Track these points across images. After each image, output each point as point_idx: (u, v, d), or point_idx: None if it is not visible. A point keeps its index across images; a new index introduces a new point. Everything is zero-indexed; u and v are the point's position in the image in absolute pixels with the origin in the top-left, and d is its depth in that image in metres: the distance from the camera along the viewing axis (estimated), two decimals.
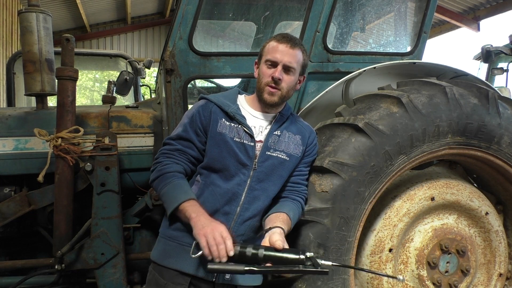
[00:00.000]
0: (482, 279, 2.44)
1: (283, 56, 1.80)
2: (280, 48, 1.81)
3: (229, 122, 1.83)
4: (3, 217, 2.34)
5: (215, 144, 1.81)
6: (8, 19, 9.79)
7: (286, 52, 1.80)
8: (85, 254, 2.33)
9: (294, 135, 1.92)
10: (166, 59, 2.35)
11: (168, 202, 1.75)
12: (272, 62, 1.81)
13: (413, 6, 2.87)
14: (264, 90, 1.83)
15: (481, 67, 6.59)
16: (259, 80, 1.87)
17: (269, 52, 1.83)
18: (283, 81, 1.81)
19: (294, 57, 1.82)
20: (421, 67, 2.53)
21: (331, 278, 2.00)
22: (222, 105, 1.86)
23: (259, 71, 1.88)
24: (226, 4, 3.22)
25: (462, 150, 2.22)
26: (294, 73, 1.85)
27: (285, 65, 1.81)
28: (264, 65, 1.84)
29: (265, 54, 1.85)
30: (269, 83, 1.81)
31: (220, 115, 1.85)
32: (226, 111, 1.85)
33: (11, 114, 2.51)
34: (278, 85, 1.81)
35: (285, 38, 1.83)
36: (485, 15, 10.33)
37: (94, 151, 2.38)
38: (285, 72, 1.82)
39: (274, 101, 1.84)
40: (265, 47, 1.87)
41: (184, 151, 1.86)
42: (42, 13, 2.45)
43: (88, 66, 6.35)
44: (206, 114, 1.85)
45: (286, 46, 1.81)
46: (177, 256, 1.77)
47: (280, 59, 1.80)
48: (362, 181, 2.02)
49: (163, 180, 1.79)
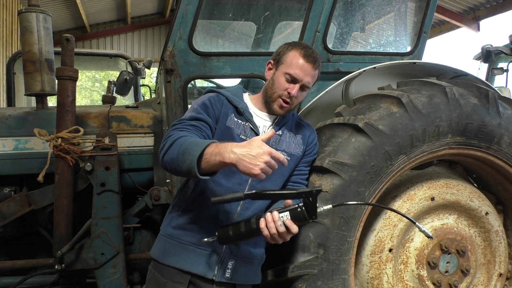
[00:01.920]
0: (482, 279, 2.44)
1: (305, 76, 1.79)
2: (305, 67, 1.79)
3: (237, 118, 1.83)
4: (3, 217, 2.34)
5: (221, 138, 1.78)
6: (8, 19, 9.79)
7: (309, 72, 1.80)
8: (85, 254, 2.33)
9: (295, 135, 1.93)
10: (166, 59, 2.35)
11: (187, 160, 1.51)
12: (293, 79, 1.80)
13: (413, 6, 2.87)
14: (276, 102, 1.83)
15: (481, 67, 6.59)
16: (272, 87, 1.84)
17: (291, 66, 1.80)
18: (296, 98, 1.83)
19: (314, 77, 1.84)
20: (421, 67, 2.53)
21: (331, 278, 2.00)
22: (233, 100, 1.86)
23: (273, 77, 1.85)
24: (226, 4, 3.22)
25: (462, 150, 2.23)
26: (308, 90, 1.87)
27: (304, 85, 1.82)
28: (282, 76, 1.81)
29: (286, 64, 1.82)
30: (283, 96, 1.81)
31: (231, 109, 1.84)
32: (236, 106, 1.85)
33: (11, 114, 2.51)
34: (291, 100, 1.82)
35: (311, 57, 1.80)
36: (485, 15, 10.33)
37: (94, 151, 2.38)
38: (300, 89, 1.82)
39: (282, 113, 1.87)
40: (287, 54, 1.83)
41: (199, 127, 1.73)
42: (42, 13, 2.45)
43: (88, 66, 6.36)
44: (218, 105, 1.82)
45: (310, 67, 1.80)
46: (178, 254, 1.78)
47: (301, 78, 1.79)
48: (362, 181, 2.02)
49: (177, 145, 1.58)
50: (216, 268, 1.77)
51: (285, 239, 1.61)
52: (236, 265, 1.80)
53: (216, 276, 1.76)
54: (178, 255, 1.77)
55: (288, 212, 1.58)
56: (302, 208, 1.56)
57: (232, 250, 1.79)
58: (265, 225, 1.58)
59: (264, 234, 1.59)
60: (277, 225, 1.57)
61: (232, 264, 1.79)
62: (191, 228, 1.78)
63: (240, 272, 1.81)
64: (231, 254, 1.79)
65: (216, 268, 1.77)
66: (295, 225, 1.57)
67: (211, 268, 1.76)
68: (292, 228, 1.57)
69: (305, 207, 1.56)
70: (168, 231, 1.83)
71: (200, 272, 1.75)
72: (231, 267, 1.79)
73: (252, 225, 1.61)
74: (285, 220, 1.57)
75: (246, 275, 1.85)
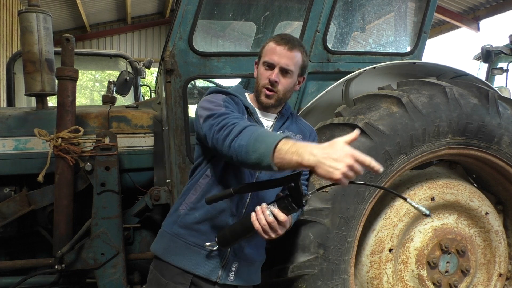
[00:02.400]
0: (482, 279, 2.44)
1: (281, 59, 1.78)
2: (278, 50, 1.79)
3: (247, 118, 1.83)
4: (3, 217, 2.34)
5: None
6: (8, 19, 9.79)
7: (283, 54, 1.78)
8: (85, 254, 2.33)
9: (295, 135, 1.92)
10: (166, 59, 2.35)
11: (260, 148, 1.45)
12: (270, 64, 1.80)
13: (413, 6, 2.87)
14: (261, 92, 1.83)
15: (481, 67, 6.59)
16: (257, 81, 1.87)
17: (267, 54, 1.82)
18: (279, 83, 1.80)
19: (292, 59, 1.80)
20: (421, 67, 2.53)
21: (331, 278, 2.00)
22: (243, 101, 1.87)
23: (257, 72, 1.88)
24: (226, 4, 3.22)
25: (462, 150, 2.23)
26: (292, 76, 1.83)
27: (282, 68, 1.79)
28: (262, 66, 1.83)
29: (263, 55, 1.84)
30: (266, 85, 1.81)
31: (243, 110, 1.84)
32: (247, 106, 1.85)
33: (11, 114, 2.51)
34: (274, 87, 1.80)
35: (283, 40, 1.80)
36: (485, 15, 10.33)
37: (94, 151, 2.38)
38: (282, 74, 1.80)
39: (270, 103, 1.84)
40: (264, 47, 1.86)
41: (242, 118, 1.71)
42: (42, 13, 2.45)
43: (88, 66, 6.36)
44: (234, 104, 1.82)
45: (284, 48, 1.78)
46: (182, 254, 1.77)
47: (277, 61, 1.78)
48: (362, 181, 2.02)
49: (248, 132, 1.53)
50: (220, 270, 1.76)
51: (277, 231, 1.59)
52: (240, 267, 1.80)
53: (219, 278, 1.76)
54: (183, 255, 1.77)
55: (276, 202, 1.59)
56: (287, 197, 1.57)
57: (236, 252, 1.79)
58: (256, 218, 1.58)
59: (256, 228, 1.58)
60: (265, 215, 1.56)
61: (236, 267, 1.79)
62: (198, 228, 1.78)
63: (242, 274, 1.81)
64: (235, 257, 1.79)
65: (220, 270, 1.76)
66: (282, 213, 1.56)
67: (215, 270, 1.76)
68: (279, 217, 1.55)
69: (290, 195, 1.56)
70: (174, 230, 1.82)
71: (204, 274, 1.75)
72: (235, 269, 1.79)
73: (246, 222, 1.62)
74: (272, 210, 1.57)
75: (248, 277, 1.85)
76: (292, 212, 1.61)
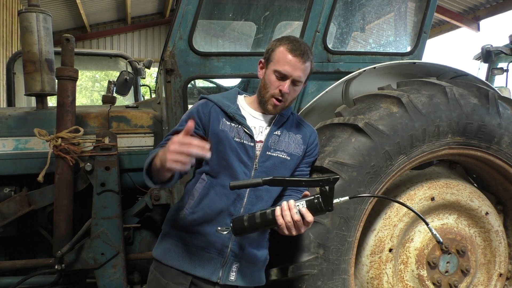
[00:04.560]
0: (482, 279, 2.44)
1: (294, 71, 1.75)
2: (293, 61, 1.74)
3: (229, 122, 1.82)
4: (3, 217, 2.34)
5: (219, 141, 1.78)
6: (8, 19, 9.79)
7: (297, 66, 1.75)
8: (85, 254, 2.33)
9: (295, 135, 1.91)
10: (166, 59, 2.35)
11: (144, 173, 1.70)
12: (282, 75, 1.77)
13: (413, 6, 2.88)
14: (269, 102, 1.81)
15: (481, 67, 6.60)
16: (264, 87, 1.82)
17: (279, 62, 1.77)
18: (289, 94, 1.80)
19: (305, 71, 1.78)
20: (421, 67, 2.53)
21: (331, 278, 2.00)
22: (222, 105, 1.85)
23: (265, 77, 1.83)
24: (226, 4, 3.22)
25: (462, 150, 2.23)
26: (301, 85, 1.83)
27: (294, 80, 1.77)
28: (272, 74, 1.78)
29: (274, 62, 1.79)
30: (276, 95, 1.78)
31: (221, 114, 1.83)
32: (225, 111, 1.84)
33: (11, 114, 2.51)
34: (283, 97, 1.79)
35: (298, 51, 1.75)
36: (485, 15, 10.34)
37: (94, 151, 2.38)
38: (292, 84, 1.79)
39: (277, 112, 1.85)
40: (274, 51, 1.80)
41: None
42: (42, 13, 2.45)
43: (88, 66, 6.36)
44: (205, 112, 1.83)
45: (298, 61, 1.75)
46: (182, 257, 1.77)
47: (290, 73, 1.75)
48: (362, 181, 2.02)
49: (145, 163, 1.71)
50: (221, 271, 1.76)
51: (299, 230, 1.60)
52: (241, 267, 1.80)
53: (220, 279, 1.76)
54: (183, 257, 1.77)
55: (305, 202, 1.58)
56: (318, 198, 1.56)
57: (236, 252, 1.78)
58: (281, 213, 1.58)
59: (279, 223, 1.58)
60: (292, 213, 1.56)
61: (236, 267, 1.79)
62: (197, 230, 1.77)
63: (244, 274, 1.81)
64: (235, 257, 1.78)
65: (221, 271, 1.76)
66: (310, 214, 1.57)
67: (216, 271, 1.76)
68: (307, 217, 1.57)
69: (321, 197, 1.56)
70: (173, 233, 1.83)
71: (204, 275, 1.75)
72: (236, 269, 1.79)
73: (267, 216, 1.61)
74: (300, 209, 1.57)
75: (250, 278, 1.84)
76: (319, 214, 1.61)
